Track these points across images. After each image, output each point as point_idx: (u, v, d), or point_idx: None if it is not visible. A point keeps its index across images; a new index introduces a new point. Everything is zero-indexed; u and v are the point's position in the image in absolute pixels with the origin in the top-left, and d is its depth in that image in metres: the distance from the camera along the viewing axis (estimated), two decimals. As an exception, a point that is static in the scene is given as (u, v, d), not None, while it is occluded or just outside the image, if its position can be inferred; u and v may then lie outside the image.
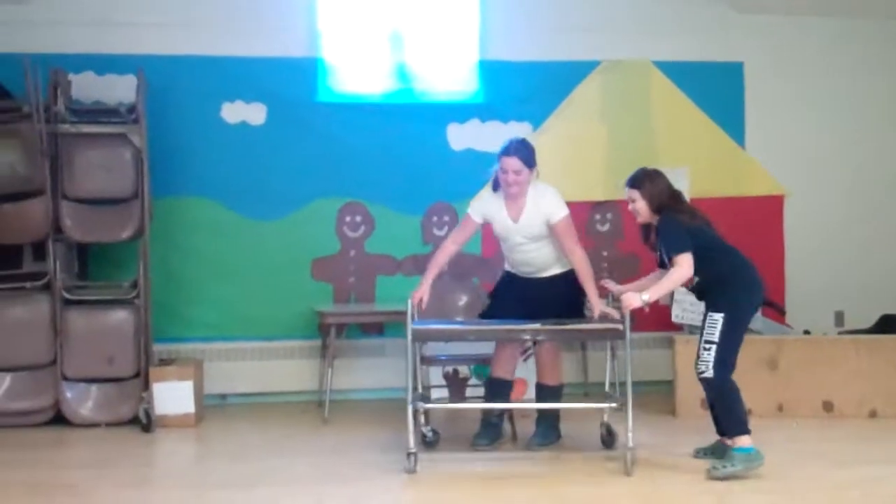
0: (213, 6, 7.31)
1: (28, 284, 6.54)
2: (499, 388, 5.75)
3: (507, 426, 5.98)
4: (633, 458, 5.09)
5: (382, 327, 7.32)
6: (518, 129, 7.27)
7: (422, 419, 5.62)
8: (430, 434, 5.73)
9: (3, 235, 6.55)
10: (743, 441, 5.15)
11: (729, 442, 5.23)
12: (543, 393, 5.79)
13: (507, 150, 5.56)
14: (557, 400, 5.83)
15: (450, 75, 7.64)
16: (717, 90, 7.88)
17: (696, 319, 6.93)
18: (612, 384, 6.05)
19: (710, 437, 5.50)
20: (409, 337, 5.12)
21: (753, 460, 5.08)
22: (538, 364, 5.82)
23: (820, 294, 7.85)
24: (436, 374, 7.03)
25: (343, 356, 7.08)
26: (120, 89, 6.97)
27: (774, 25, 7.94)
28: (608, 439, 5.75)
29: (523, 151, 5.56)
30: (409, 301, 5.28)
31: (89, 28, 7.11)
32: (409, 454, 5.06)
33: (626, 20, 7.73)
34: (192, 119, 7.25)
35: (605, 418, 5.79)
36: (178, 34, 7.23)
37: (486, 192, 5.86)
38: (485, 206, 5.72)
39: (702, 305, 6.95)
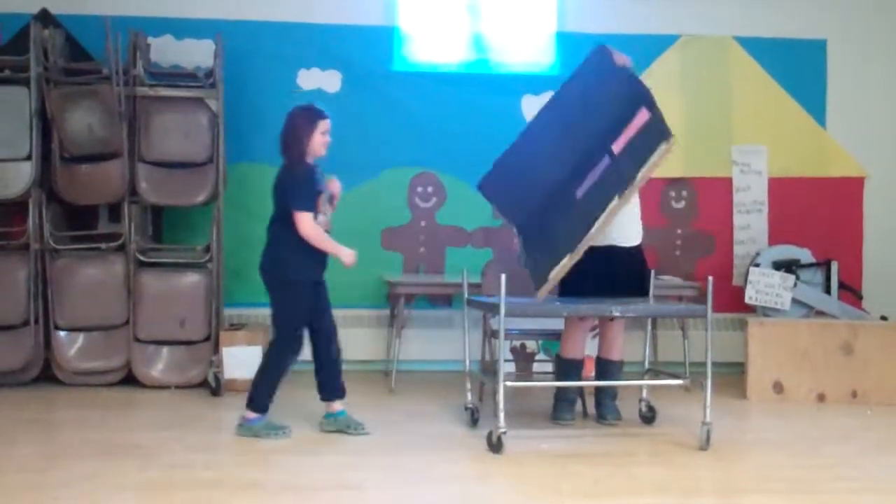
0: (293, -28, 7.32)
1: (103, 245, 6.64)
2: (573, 368, 5.70)
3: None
4: (709, 433, 5.05)
5: (451, 299, 7.30)
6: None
7: (468, 396, 5.59)
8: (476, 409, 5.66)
9: (79, 196, 6.65)
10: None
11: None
12: (610, 368, 5.73)
13: None
14: (621, 375, 5.79)
15: (526, 46, 7.57)
16: (798, 68, 7.75)
17: (770, 301, 6.85)
18: (682, 364, 5.99)
19: (785, 419, 5.40)
20: (503, 313, 4.96)
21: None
22: (604, 340, 5.75)
23: (899, 279, 7.68)
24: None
25: (411, 326, 7.09)
26: (198, 54, 7.04)
27: (859, 2, 7.75)
28: (649, 416, 5.70)
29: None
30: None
31: (170, -9, 7.18)
32: (500, 434, 4.90)
33: (708, -6, 7.60)
34: (269, 85, 7.28)
35: (645, 395, 5.73)
36: (257, 0, 7.24)
37: None
38: None
39: (776, 286, 6.91)
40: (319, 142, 5.29)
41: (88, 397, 6.27)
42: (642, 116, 5.18)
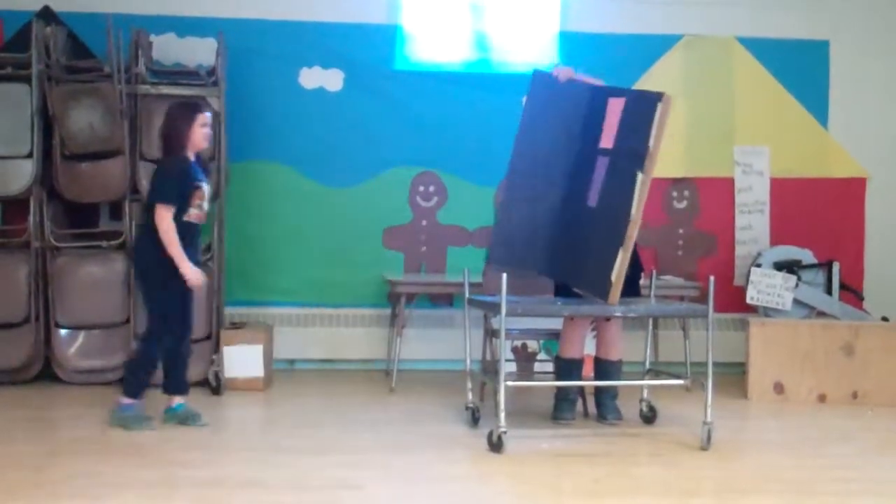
0: (295, -29, 7.32)
1: (104, 244, 6.64)
2: (572, 368, 5.69)
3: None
4: (710, 432, 5.04)
5: (452, 298, 7.30)
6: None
7: (469, 395, 5.57)
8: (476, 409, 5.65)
9: (80, 194, 6.65)
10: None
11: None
12: (609, 368, 5.72)
13: None
14: (621, 374, 5.78)
15: (529, 46, 7.56)
16: (801, 68, 7.74)
17: (772, 301, 6.84)
18: (683, 364, 5.98)
19: (786, 419, 5.40)
20: (503, 313, 4.95)
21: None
22: (602, 340, 5.75)
23: (900, 280, 7.68)
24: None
25: (412, 326, 7.09)
26: (200, 52, 7.05)
27: (862, 3, 7.75)
28: (649, 416, 5.70)
29: None
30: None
31: (172, -10, 7.18)
32: (500, 434, 4.90)
33: (710, -6, 7.60)
34: (270, 83, 7.29)
35: (645, 395, 5.73)
36: (259, -2, 7.27)
37: None
38: None
39: (778, 287, 6.90)
40: (199, 134, 5.34)
41: (89, 395, 6.25)
42: (615, 105, 5.17)
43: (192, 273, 5.24)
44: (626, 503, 4.24)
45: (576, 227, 5.29)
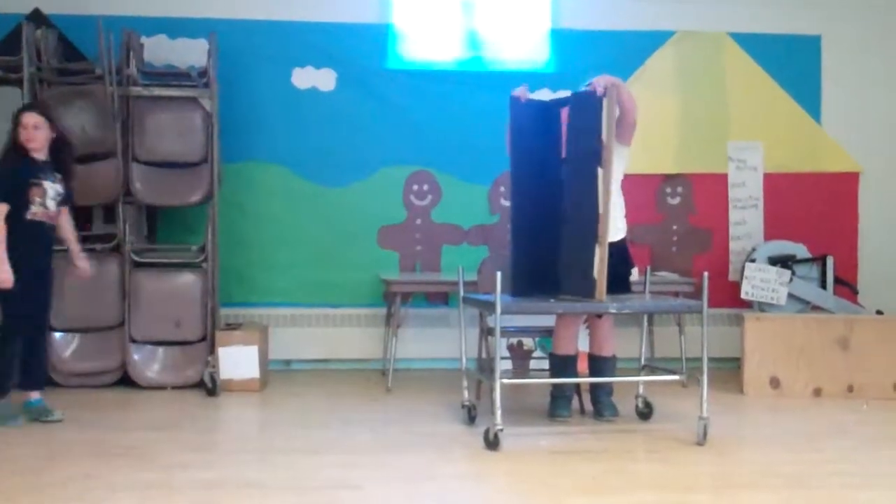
0: (287, -29, 7.32)
1: (98, 246, 6.62)
2: (567, 364, 5.69)
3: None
4: (706, 428, 5.06)
5: (447, 297, 7.29)
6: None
7: (465, 394, 5.57)
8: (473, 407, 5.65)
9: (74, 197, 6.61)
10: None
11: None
12: (602, 365, 5.73)
13: None
14: (614, 371, 5.79)
15: (521, 44, 7.56)
16: (793, 64, 7.76)
17: (767, 296, 6.85)
18: (679, 359, 5.98)
19: (782, 414, 5.40)
20: (498, 311, 4.96)
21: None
22: (594, 337, 5.76)
23: (893, 274, 7.72)
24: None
25: (407, 325, 7.10)
26: (192, 53, 7.04)
27: (853, -2, 7.77)
28: (645, 411, 5.71)
29: None
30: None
31: (163, -9, 7.17)
32: (497, 432, 4.91)
33: (701, -11, 7.61)
34: (263, 84, 7.28)
35: (641, 391, 5.74)
36: (251, -1, 7.26)
37: None
38: None
39: (772, 282, 6.90)
40: (21, 135, 5.43)
41: (84, 398, 6.24)
42: (564, 112, 5.32)
43: (4, 273, 5.27)
44: (624, 500, 4.24)
45: (561, 240, 5.32)
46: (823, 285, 7.17)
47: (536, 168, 5.32)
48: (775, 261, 7.09)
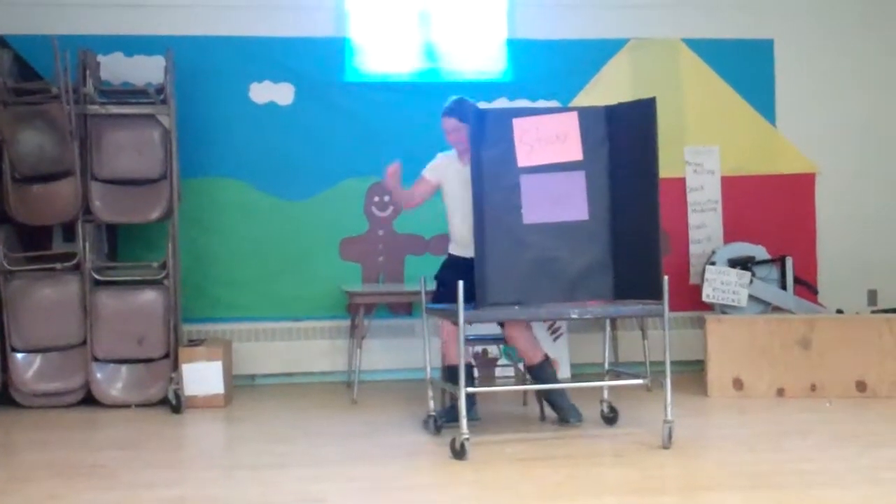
0: (242, -14, 7.32)
1: (58, 265, 6.57)
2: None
3: (535, 406, 5.98)
4: (671, 430, 5.10)
5: (411, 307, 7.30)
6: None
7: (431, 404, 5.57)
8: (440, 418, 5.62)
9: (32, 216, 6.59)
10: None
11: None
12: (537, 372, 5.76)
13: (443, 112, 5.84)
14: (549, 374, 5.80)
15: (477, 54, 7.61)
16: (747, 68, 7.85)
17: (727, 298, 6.92)
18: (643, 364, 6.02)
19: (746, 415, 5.43)
20: (462, 320, 5.00)
21: None
22: (516, 348, 5.83)
23: (852, 273, 7.81)
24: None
25: (372, 336, 7.10)
26: (148, 70, 7.01)
27: (804, 2, 7.89)
28: (610, 416, 5.74)
29: (457, 110, 5.78)
30: None
31: (118, 9, 7.17)
32: (463, 441, 4.93)
33: (655, -3, 7.70)
34: (221, 99, 7.27)
35: (606, 396, 5.77)
36: (206, 14, 7.28)
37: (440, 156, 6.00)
38: (439, 165, 5.91)
39: (733, 284, 6.96)
40: None
41: (48, 419, 6.20)
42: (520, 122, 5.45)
43: None
44: (590, 504, 4.28)
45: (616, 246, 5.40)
46: (783, 286, 7.24)
47: (494, 176, 5.35)
48: (735, 263, 7.16)
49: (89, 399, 6.53)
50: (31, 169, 6.53)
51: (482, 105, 7.27)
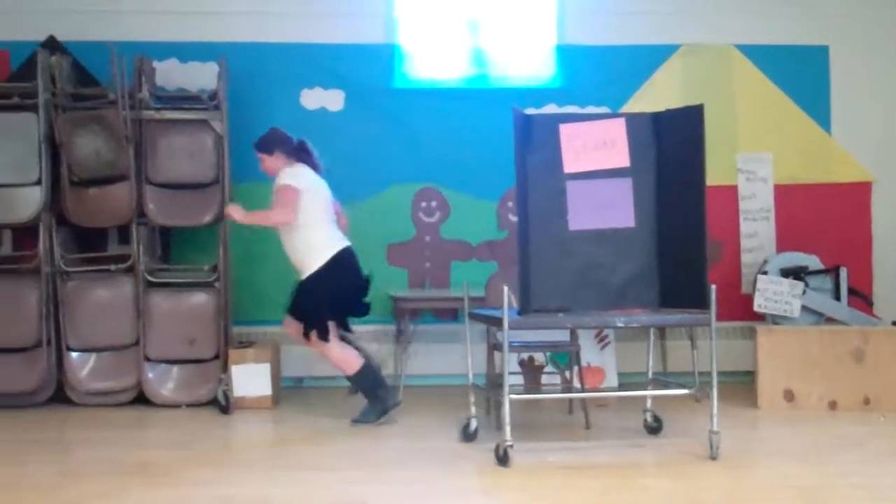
0: (294, -6, 7.41)
1: (112, 267, 6.70)
2: (370, 374, 6.07)
3: (581, 414, 5.96)
4: (717, 442, 5.05)
5: (456, 313, 7.31)
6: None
7: (472, 409, 5.58)
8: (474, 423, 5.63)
9: (88, 219, 6.72)
10: None
11: None
12: (356, 380, 6.08)
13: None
14: (362, 383, 6.06)
15: (527, 60, 7.62)
16: (801, 74, 7.76)
17: (779, 309, 6.82)
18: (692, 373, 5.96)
19: (796, 427, 5.34)
20: (506, 326, 5.01)
21: None
22: (331, 362, 6.12)
23: (909, 284, 7.65)
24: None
25: (417, 341, 7.13)
26: (202, 76, 7.13)
27: (860, 7, 7.77)
28: (654, 426, 5.70)
29: (258, 144, 6.20)
30: None
31: (173, 16, 7.29)
32: (506, 448, 4.93)
33: (707, 3, 7.64)
34: (273, 105, 7.36)
35: (649, 405, 5.73)
36: (258, 22, 7.37)
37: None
38: (298, 173, 6.11)
39: (785, 294, 6.85)
40: None
41: (100, 417, 6.32)
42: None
43: None
44: (632, 513, 4.26)
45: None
46: (837, 297, 7.12)
47: (539, 182, 5.35)
48: (788, 272, 7.06)
49: (141, 398, 6.65)
50: (87, 172, 6.66)
51: (530, 111, 7.37)
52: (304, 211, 5.95)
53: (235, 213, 6.09)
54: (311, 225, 5.99)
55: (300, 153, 6.19)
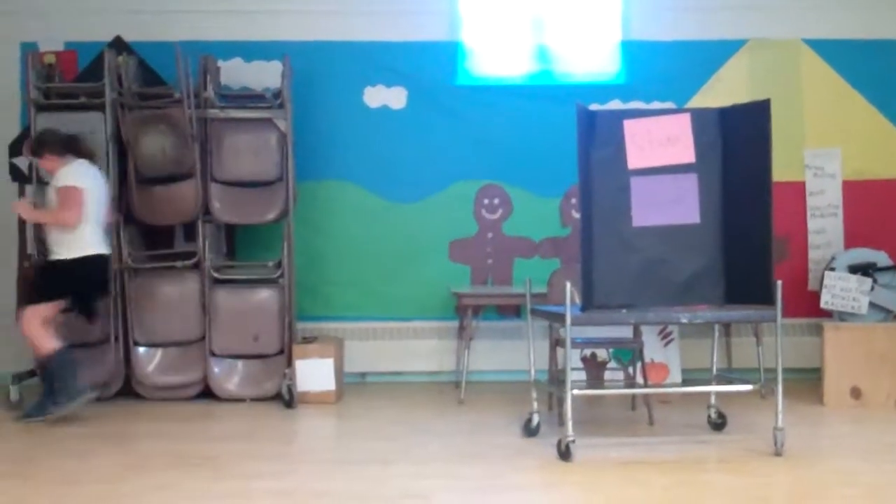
0: (357, -8, 7.46)
1: (179, 264, 6.79)
2: (64, 359, 6.03)
3: (644, 411, 5.92)
4: (782, 439, 5.01)
5: (519, 309, 7.31)
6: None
7: (534, 405, 5.57)
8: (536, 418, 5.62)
9: (155, 216, 6.82)
10: None
11: None
12: (44, 363, 6.04)
13: None
14: (49, 368, 6.02)
15: (591, 56, 7.58)
16: (870, 69, 7.61)
17: (847, 305, 6.71)
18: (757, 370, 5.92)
19: (862, 424, 5.27)
20: (569, 322, 4.99)
21: None
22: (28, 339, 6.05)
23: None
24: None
25: (480, 337, 7.13)
26: (266, 75, 7.19)
27: (930, 0, 7.60)
28: (719, 422, 5.65)
29: (33, 148, 6.28)
30: None
31: (237, 16, 7.37)
32: (568, 443, 4.94)
33: (774, -3, 7.54)
34: (336, 103, 7.41)
35: (713, 401, 5.68)
36: (321, 20, 7.42)
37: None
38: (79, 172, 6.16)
39: (853, 290, 6.73)
40: None
41: (167, 411, 6.42)
42: (647, 125, 5.42)
43: None
44: (695, 509, 4.23)
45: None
46: (906, 293, 6.99)
47: (603, 178, 5.32)
48: (856, 269, 6.94)
49: (206, 392, 6.73)
50: (154, 171, 6.76)
51: (594, 107, 7.33)
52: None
53: (21, 209, 6.28)
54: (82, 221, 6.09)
55: (70, 147, 6.22)
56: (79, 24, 7.28)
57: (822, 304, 6.87)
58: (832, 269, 6.99)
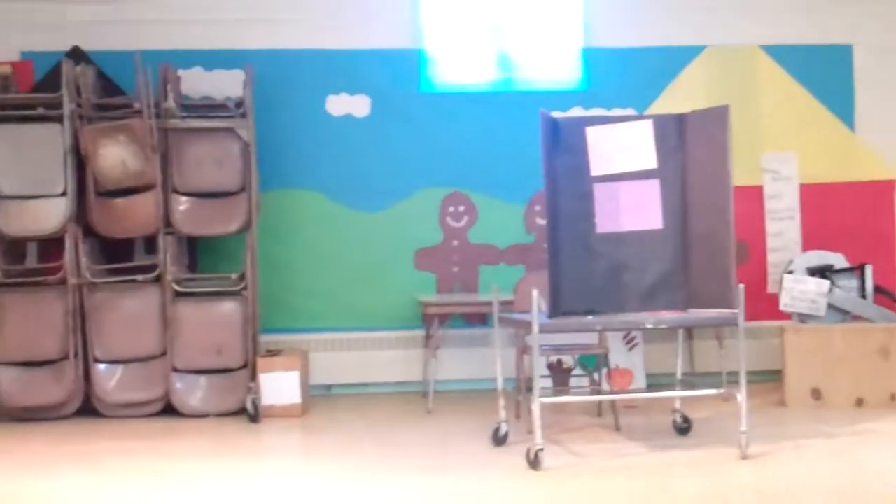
0: (318, 0, 7.42)
1: (139, 277, 6.71)
2: None
3: (610, 417, 5.96)
4: (746, 441, 5.05)
5: (485, 317, 7.31)
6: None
7: (502, 413, 5.57)
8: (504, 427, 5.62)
9: (115, 229, 6.74)
10: None
11: None
12: None
13: None
14: None
15: (552, 64, 7.61)
16: (826, 73, 7.73)
17: (806, 307, 6.80)
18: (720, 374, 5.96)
19: (824, 425, 5.34)
20: (535, 330, 5.00)
21: None
22: None
23: (935, 281, 7.60)
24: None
25: (447, 346, 7.13)
26: (228, 84, 7.14)
27: (883, 6, 7.73)
28: (684, 427, 5.70)
29: None
30: None
31: (198, 25, 7.31)
32: (537, 451, 4.94)
33: (732, 4, 7.62)
34: (298, 112, 7.38)
35: (678, 406, 5.72)
36: (283, 29, 7.38)
37: None
38: None
39: (811, 293, 6.82)
40: None
41: (128, 428, 6.33)
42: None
43: None
44: (666, 515, 4.25)
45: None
46: (863, 295, 7.09)
47: (567, 185, 5.35)
48: (814, 271, 7.03)
49: (169, 409, 6.65)
50: (113, 183, 6.67)
51: (557, 114, 7.37)
52: None
53: None
54: None
55: None
56: (35, 33, 7.17)
57: (782, 307, 6.96)
58: (791, 272, 7.08)
